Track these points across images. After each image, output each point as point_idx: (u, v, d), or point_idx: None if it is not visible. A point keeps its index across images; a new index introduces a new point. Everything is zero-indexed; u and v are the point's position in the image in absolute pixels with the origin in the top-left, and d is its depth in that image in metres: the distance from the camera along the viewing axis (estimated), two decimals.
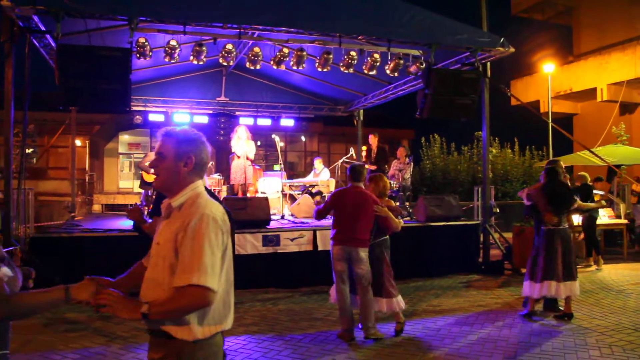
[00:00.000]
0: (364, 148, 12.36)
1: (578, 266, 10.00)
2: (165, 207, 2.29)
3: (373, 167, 11.35)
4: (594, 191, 10.76)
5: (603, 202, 8.98)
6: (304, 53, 9.25)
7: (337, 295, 5.71)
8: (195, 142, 2.29)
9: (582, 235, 10.56)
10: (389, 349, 5.35)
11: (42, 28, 7.87)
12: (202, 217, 2.10)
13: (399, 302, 5.75)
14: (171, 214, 2.24)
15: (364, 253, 5.55)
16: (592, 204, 8.75)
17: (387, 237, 5.87)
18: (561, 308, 6.63)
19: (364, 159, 12.08)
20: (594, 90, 21.55)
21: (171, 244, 2.12)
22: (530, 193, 6.59)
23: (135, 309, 2.05)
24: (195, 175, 2.28)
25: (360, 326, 5.70)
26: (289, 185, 12.44)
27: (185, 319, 2.10)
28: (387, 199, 5.95)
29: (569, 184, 7.49)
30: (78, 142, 21.02)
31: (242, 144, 11.13)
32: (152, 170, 8.30)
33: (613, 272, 9.55)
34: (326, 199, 5.92)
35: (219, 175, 12.41)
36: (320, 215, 5.87)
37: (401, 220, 5.84)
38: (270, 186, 12.22)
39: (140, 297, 2.23)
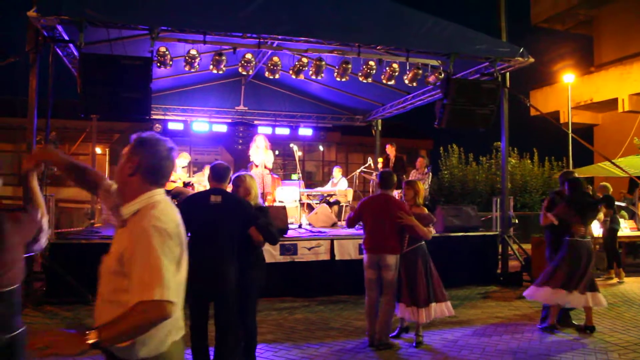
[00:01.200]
0: (380, 160, 12.35)
1: (598, 279, 9.93)
2: (117, 215, 2.20)
3: None
4: (616, 203, 10.61)
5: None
6: (323, 63, 9.28)
7: (366, 302, 5.74)
8: (144, 147, 2.16)
9: (599, 247, 10.41)
10: (406, 359, 5.31)
11: (66, 37, 8.01)
12: (154, 229, 1.99)
13: (424, 314, 5.66)
14: (125, 223, 2.14)
15: (391, 260, 5.57)
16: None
17: (422, 243, 5.79)
18: (575, 322, 6.52)
19: (380, 167, 12.07)
20: (615, 100, 21.26)
21: (119, 255, 2.04)
22: (558, 213, 6.34)
23: (80, 341, 1.82)
24: (150, 184, 2.15)
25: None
26: (307, 195, 12.46)
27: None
28: (419, 206, 5.92)
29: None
30: (98, 150, 21.26)
31: (261, 153, 11.18)
32: (171, 178, 8.36)
33: (635, 285, 9.38)
34: (356, 206, 5.95)
35: None
36: (350, 223, 5.94)
37: (432, 229, 5.83)
38: (288, 195, 12.24)
39: (95, 312, 2.15)
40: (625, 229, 10.97)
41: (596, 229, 10.21)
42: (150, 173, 2.15)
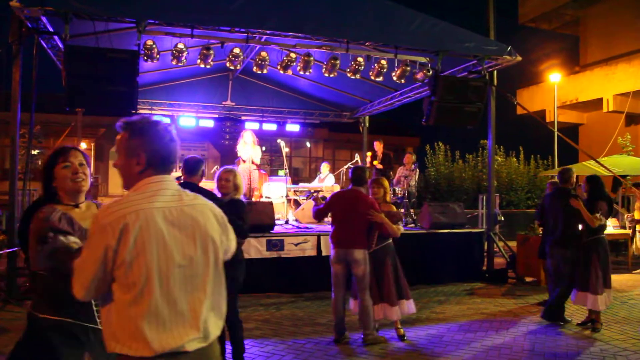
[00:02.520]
0: (369, 154, 12.37)
1: None
2: None
3: (380, 166, 11.52)
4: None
5: None
6: (311, 58, 9.25)
7: (332, 298, 5.72)
8: (144, 136, 2.04)
9: None
10: (392, 355, 5.32)
11: (50, 29, 7.90)
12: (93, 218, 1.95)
13: (397, 310, 5.65)
14: None
15: (359, 254, 5.49)
16: None
17: (390, 241, 5.78)
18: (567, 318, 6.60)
19: (368, 165, 12.11)
20: (600, 100, 21.52)
21: None
22: (603, 212, 6.25)
23: None
24: (157, 173, 2.04)
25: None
26: (294, 191, 12.43)
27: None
28: (388, 203, 5.90)
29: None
30: (83, 145, 21.10)
31: (248, 149, 11.14)
32: None
33: (617, 282, 9.47)
34: (326, 199, 5.91)
35: None
36: (318, 215, 5.86)
37: (400, 227, 5.75)
38: (275, 191, 12.21)
39: None
40: (608, 226, 11.08)
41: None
42: (160, 163, 2.02)
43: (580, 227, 6.45)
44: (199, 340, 1.92)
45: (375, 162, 11.95)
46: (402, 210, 10.83)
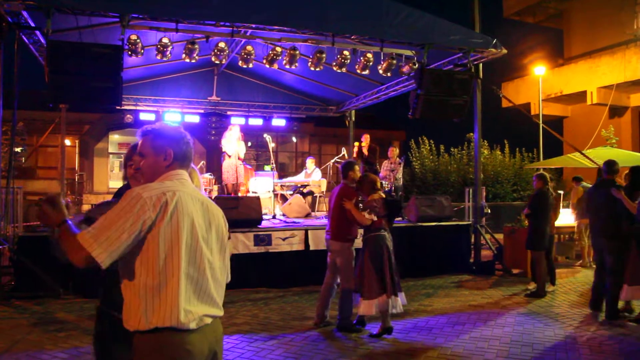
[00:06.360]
0: (357, 144, 12.24)
1: (569, 268, 10.14)
2: None
3: (366, 153, 11.50)
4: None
5: None
6: (297, 52, 9.21)
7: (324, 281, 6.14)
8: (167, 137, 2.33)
9: (568, 236, 10.66)
10: (382, 348, 5.33)
11: (32, 24, 7.79)
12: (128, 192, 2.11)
13: (372, 305, 5.57)
14: None
15: (336, 246, 5.91)
16: None
17: (379, 233, 5.73)
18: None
19: (354, 156, 12.06)
20: (584, 93, 21.68)
21: None
22: None
23: None
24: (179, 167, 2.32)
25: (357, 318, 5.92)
26: (281, 185, 12.40)
27: (131, 308, 2.08)
28: (378, 192, 5.88)
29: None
30: (67, 142, 20.86)
31: (234, 144, 11.08)
32: None
33: None
34: None
35: (210, 174, 12.35)
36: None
37: (366, 215, 5.67)
38: (261, 186, 12.18)
39: None
40: None
41: (568, 218, 10.45)
42: (182, 159, 2.30)
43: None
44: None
45: (363, 145, 11.88)
46: None
